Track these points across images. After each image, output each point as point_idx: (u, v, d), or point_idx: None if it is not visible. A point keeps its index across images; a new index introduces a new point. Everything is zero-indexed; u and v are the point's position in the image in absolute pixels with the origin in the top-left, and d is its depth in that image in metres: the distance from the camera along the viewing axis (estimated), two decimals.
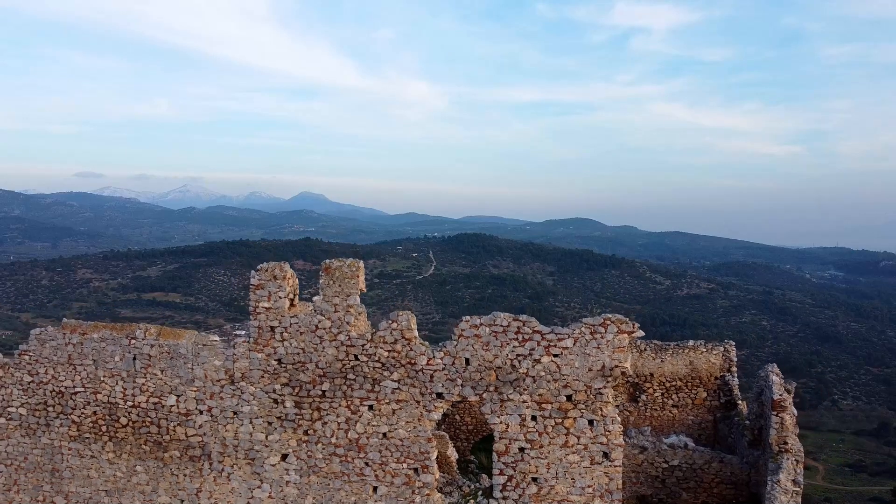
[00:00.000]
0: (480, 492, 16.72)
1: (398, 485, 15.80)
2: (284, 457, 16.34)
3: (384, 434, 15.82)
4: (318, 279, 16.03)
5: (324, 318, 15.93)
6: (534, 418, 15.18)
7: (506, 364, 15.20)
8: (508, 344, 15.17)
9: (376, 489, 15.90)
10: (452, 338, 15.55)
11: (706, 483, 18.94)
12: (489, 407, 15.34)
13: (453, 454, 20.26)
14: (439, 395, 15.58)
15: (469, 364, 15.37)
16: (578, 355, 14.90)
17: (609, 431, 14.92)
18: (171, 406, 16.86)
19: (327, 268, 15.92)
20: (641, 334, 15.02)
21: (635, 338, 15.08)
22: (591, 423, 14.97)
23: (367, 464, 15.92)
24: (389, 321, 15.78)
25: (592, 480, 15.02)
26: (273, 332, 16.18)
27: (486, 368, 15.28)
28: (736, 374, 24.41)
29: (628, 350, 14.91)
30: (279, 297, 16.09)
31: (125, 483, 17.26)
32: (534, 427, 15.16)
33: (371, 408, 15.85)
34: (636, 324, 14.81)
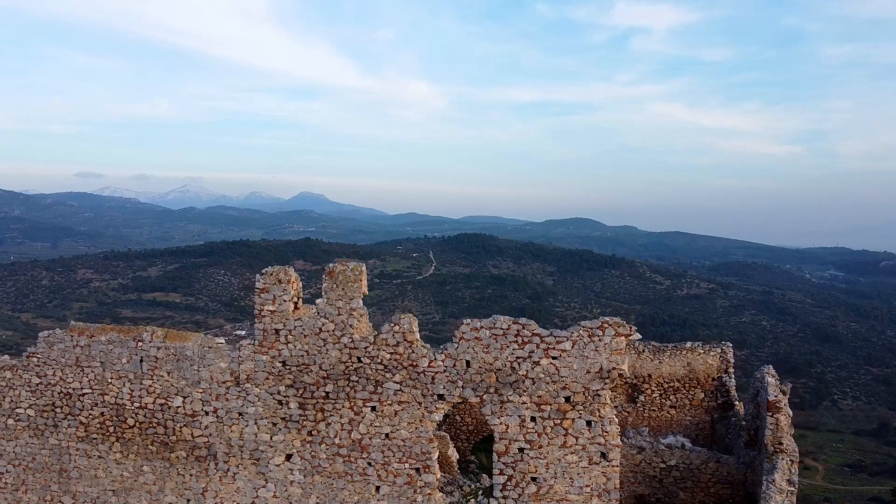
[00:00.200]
0: (481, 491, 16.76)
1: (400, 484, 15.92)
2: (289, 457, 16.44)
3: (386, 435, 15.92)
4: (319, 279, 16.17)
5: (327, 321, 16.06)
6: (533, 419, 15.28)
7: (506, 366, 15.32)
8: (508, 346, 15.29)
9: (379, 489, 16.01)
10: (453, 340, 15.65)
11: (703, 483, 18.94)
12: (489, 408, 15.46)
13: (454, 454, 20.33)
14: (440, 397, 15.69)
15: (470, 366, 15.49)
16: (577, 358, 15.02)
17: (607, 432, 15.04)
18: (178, 407, 16.94)
19: (331, 272, 16.04)
20: (638, 337, 15.24)
21: (632, 340, 15.29)
22: (590, 424, 15.10)
23: (370, 464, 16.03)
24: (392, 324, 15.89)
25: (590, 480, 15.16)
26: (278, 335, 16.30)
27: (487, 370, 15.41)
28: (733, 376, 24.57)
29: (625, 352, 15.02)
30: (283, 301, 16.20)
31: (132, 483, 17.35)
32: (533, 428, 15.27)
33: (374, 409, 15.94)
34: (633, 327, 14.96)
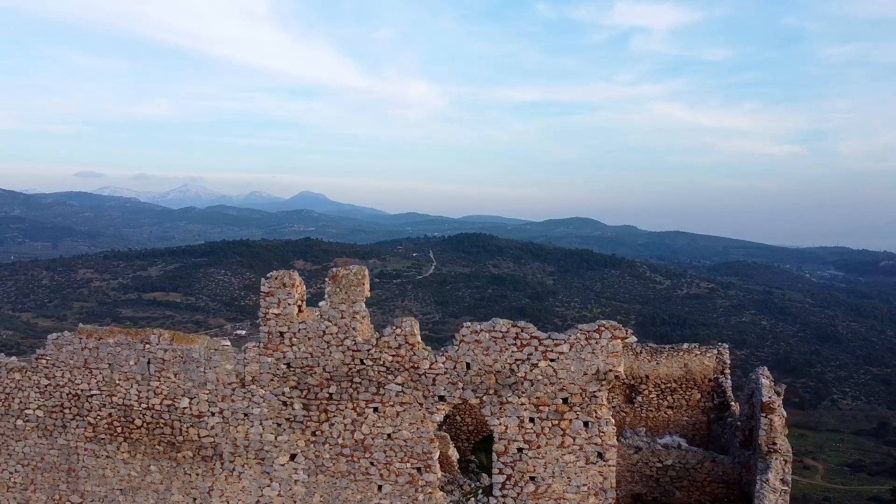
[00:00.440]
0: (480, 490, 17.05)
1: (402, 483, 16.24)
2: (293, 457, 16.75)
3: (389, 435, 16.25)
4: (320, 279, 16.52)
5: (331, 324, 16.39)
6: (531, 420, 15.61)
7: (505, 368, 15.66)
8: (507, 349, 15.63)
9: (381, 488, 16.34)
10: (454, 343, 15.98)
11: (699, 482, 19.16)
12: (489, 409, 15.79)
13: (454, 454, 20.60)
14: (441, 398, 16.01)
15: (470, 368, 15.82)
16: (574, 360, 15.36)
17: (603, 432, 15.38)
18: (184, 408, 17.26)
19: (334, 276, 16.36)
20: (634, 340, 15.59)
21: (628, 343, 15.64)
22: (587, 425, 15.43)
23: (373, 463, 16.35)
24: (393, 327, 16.22)
25: (587, 479, 15.49)
26: (282, 338, 16.63)
27: (486, 372, 15.74)
28: (729, 377, 24.87)
29: (622, 355, 15.36)
30: (288, 304, 16.53)
31: (139, 482, 17.67)
32: (531, 428, 15.60)
33: (376, 410, 16.27)
34: (629, 330, 15.32)
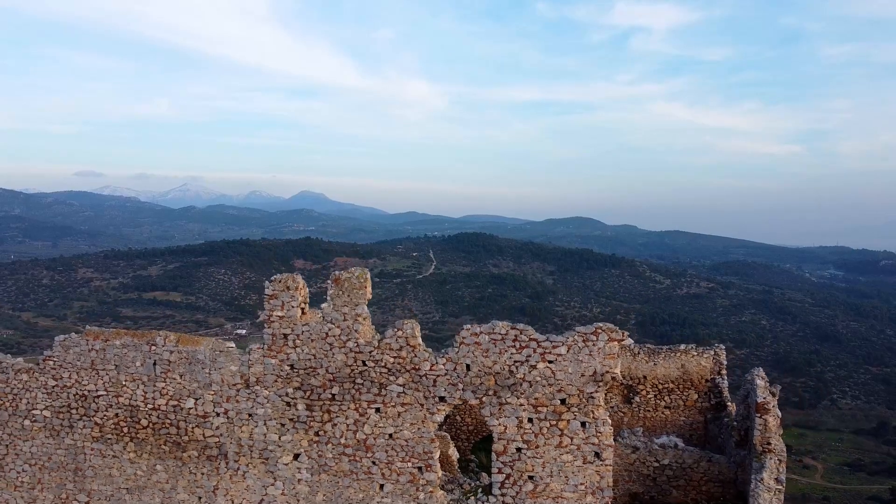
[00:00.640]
0: (480, 489, 17.30)
1: (403, 482, 16.56)
2: (296, 456, 17.06)
3: (390, 435, 16.56)
4: (320, 278, 16.85)
5: (333, 327, 16.70)
6: (530, 420, 15.92)
7: (504, 370, 15.97)
8: (507, 351, 15.94)
9: (383, 487, 16.65)
10: (454, 345, 16.31)
11: (695, 481, 19.41)
12: (488, 410, 16.11)
13: (454, 453, 20.82)
14: (442, 399, 16.32)
15: (470, 370, 16.14)
16: (572, 362, 15.68)
17: (600, 433, 15.69)
18: (190, 409, 17.56)
19: (337, 279, 16.66)
20: (631, 342, 15.92)
21: (625, 345, 15.96)
22: (584, 425, 15.74)
23: (375, 463, 16.66)
24: (395, 329, 16.54)
25: (585, 478, 15.81)
26: (286, 340, 16.94)
27: (486, 374, 16.05)
28: (726, 377, 25.14)
29: (618, 356, 15.67)
30: (292, 307, 16.85)
31: (146, 481, 17.97)
32: (530, 429, 15.91)
33: (378, 410, 16.58)
34: (625, 332, 15.63)
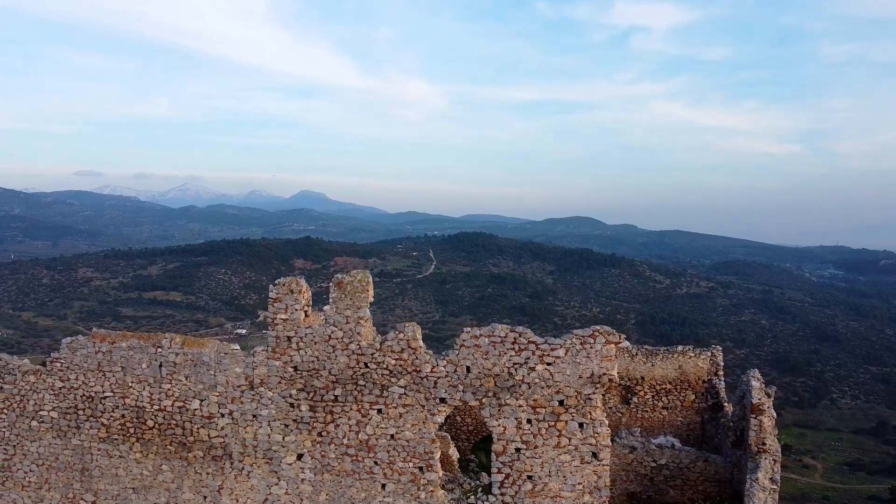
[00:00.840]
0: (480, 488, 17.58)
1: (405, 482, 16.88)
2: (300, 456, 17.37)
3: (392, 436, 16.87)
4: (320, 278, 17.13)
5: (336, 329, 17.01)
6: (529, 421, 16.24)
7: (503, 372, 16.29)
8: (506, 353, 16.26)
9: (384, 486, 16.96)
10: (454, 347, 16.62)
11: (692, 481, 19.69)
12: (488, 411, 16.43)
13: (455, 453, 21.10)
14: (442, 400, 16.63)
15: (470, 372, 16.45)
16: (570, 364, 16.00)
17: (597, 433, 16.01)
18: (195, 410, 17.85)
19: (339, 282, 16.95)
20: (627, 345, 16.25)
21: (622, 348, 16.28)
22: (581, 426, 16.07)
23: (377, 463, 16.97)
24: (397, 332, 16.84)
25: (582, 478, 16.13)
26: (290, 342, 17.24)
27: (486, 376, 16.37)
28: (722, 378, 25.47)
29: (615, 359, 16.00)
30: (295, 310, 17.14)
31: (151, 481, 18.27)
32: (529, 429, 16.23)
33: (380, 411, 16.89)
34: (622, 335, 15.96)
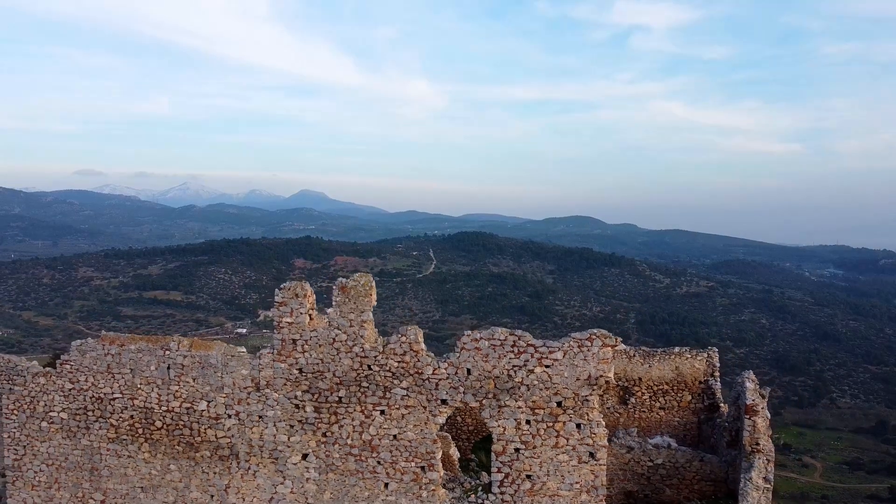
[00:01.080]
0: (480, 487, 17.95)
1: (407, 481, 17.30)
2: (305, 456, 17.78)
3: (394, 436, 17.29)
4: (320, 277, 17.62)
5: (340, 332, 17.42)
6: (528, 422, 16.64)
7: (503, 374, 16.69)
8: (505, 356, 16.66)
9: (387, 485, 17.38)
10: (455, 350, 17.02)
11: (688, 480, 20.03)
12: (488, 412, 16.84)
13: (455, 453, 21.50)
14: (444, 402, 17.04)
15: (470, 374, 16.86)
16: (567, 366, 16.40)
17: (595, 434, 16.42)
18: (203, 411, 18.26)
19: (343, 287, 17.37)
20: (623, 348, 16.69)
21: (618, 351, 16.70)
22: (579, 427, 16.47)
23: (380, 462, 17.39)
24: (399, 335, 17.25)
25: (580, 477, 16.54)
26: (295, 345, 17.66)
27: (486, 378, 16.78)
28: (719, 379, 25.86)
29: (612, 361, 16.36)
30: (300, 314, 17.55)
31: (160, 480, 18.68)
32: (528, 430, 16.64)
33: (383, 412, 17.31)
34: (619, 338, 16.38)
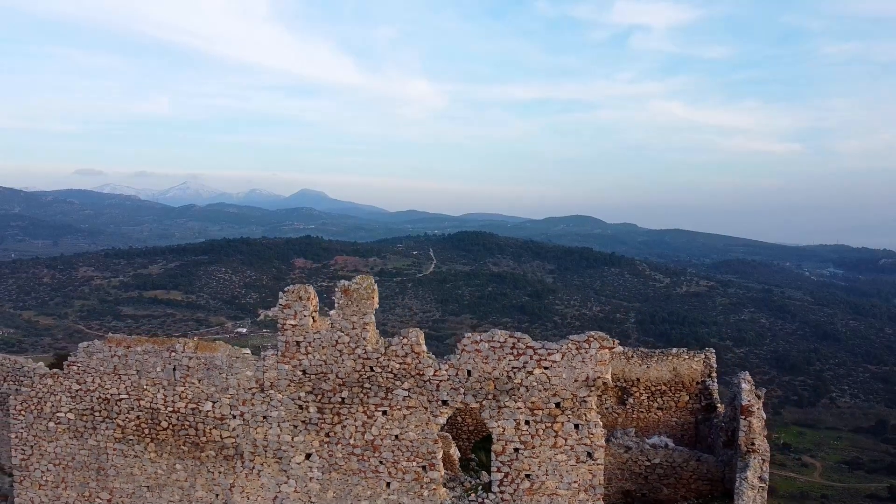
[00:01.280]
0: (480, 487, 18.24)
1: (408, 481, 17.62)
2: (308, 456, 18.10)
3: (396, 436, 17.60)
4: (320, 277, 17.89)
5: (343, 334, 17.74)
6: (527, 422, 16.95)
7: (503, 375, 17.00)
8: (505, 358, 16.97)
9: (389, 484, 17.71)
10: (456, 352, 17.33)
11: (685, 479, 20.29)
12: (488, 413, 17.15)
13: (456, 453, 21.68)
14: (444, 403, 17.36)
15: (470, 375, 17.17)
16: (566, 368, 16.71)
17: (592, 434, 16.73)
18: (208, 411, 18.57)
19: (346, 290, 17.68)
20: (620, 350, 17.00)
21: (615, 352, 17.00)
22: (577, 427, 16.79)
23: (381, 462, 17.71)
24: (401, 337, 17.57)
25: (578, 477, 16.86)
26: (298, 347, 17.98)
27: (486, 379, 17.09)
28: (716, 380, 26.17)
29: (609, 363, 16.70)
30: (304, 316, 17.86)
31: (165, 480, 19.01)
32: (527, 430, 16.95)
33: (385, 413, 17.62)
34: (616, 340, 16.69)
